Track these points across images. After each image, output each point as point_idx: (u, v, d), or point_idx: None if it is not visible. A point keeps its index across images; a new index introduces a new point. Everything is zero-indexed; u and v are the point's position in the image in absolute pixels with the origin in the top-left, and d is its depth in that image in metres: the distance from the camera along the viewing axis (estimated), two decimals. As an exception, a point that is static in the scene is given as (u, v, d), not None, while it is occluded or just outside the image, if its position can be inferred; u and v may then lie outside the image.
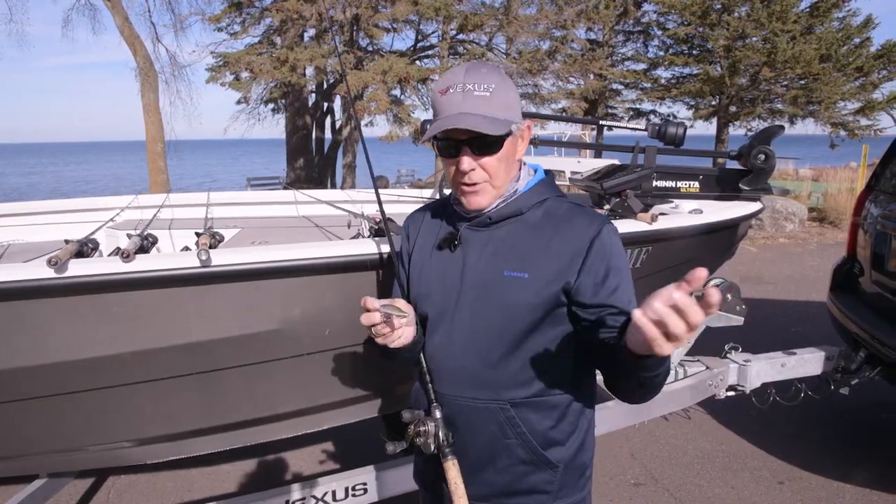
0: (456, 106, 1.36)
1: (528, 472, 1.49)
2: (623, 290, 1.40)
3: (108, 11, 15.67)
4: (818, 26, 18.32)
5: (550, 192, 1.50)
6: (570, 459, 1.51)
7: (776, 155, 3.24)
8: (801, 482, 3.57)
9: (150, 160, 16.08)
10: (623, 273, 1.42)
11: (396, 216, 1.73)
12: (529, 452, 1.47)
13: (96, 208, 3.77)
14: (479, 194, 1.43)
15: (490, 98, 1.36)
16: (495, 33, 17.79)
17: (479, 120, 1.33)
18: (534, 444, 1.47)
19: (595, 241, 1.39)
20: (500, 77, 1.40)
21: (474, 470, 1.50)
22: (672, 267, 2.97)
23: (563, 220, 1.44)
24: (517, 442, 1.46)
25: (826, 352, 3.94)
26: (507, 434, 1.46)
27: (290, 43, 15.92)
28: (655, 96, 21.33)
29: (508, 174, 1.45)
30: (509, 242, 1.44)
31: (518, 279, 1.40)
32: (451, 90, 1.37)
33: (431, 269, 1.54)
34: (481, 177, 1.40)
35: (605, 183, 3.08)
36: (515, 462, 1.48)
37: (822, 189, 14.87)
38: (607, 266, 1.39)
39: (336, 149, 19.51)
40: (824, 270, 5.61)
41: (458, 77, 1.38)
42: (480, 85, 1.36)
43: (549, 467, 1.49)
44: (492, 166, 1.40)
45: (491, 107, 1.35)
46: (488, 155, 1.38)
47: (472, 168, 1.39)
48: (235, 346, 2.06)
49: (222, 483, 3.58)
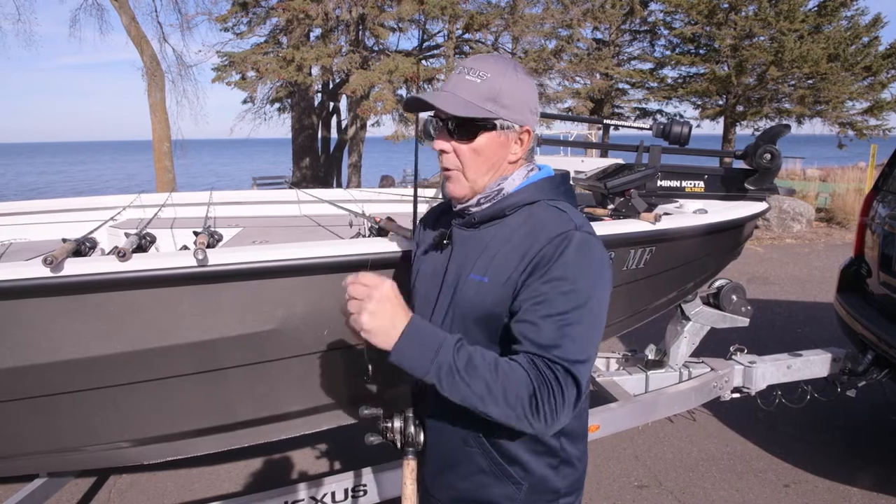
0: (445, 85, 1.35)
1: (489, 483, 1.44)
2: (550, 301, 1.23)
3: (115, 11, 15.72)
4: (826, 25, 18.19)
5: (543, 195, 1.39)
6: (538, 481, 1.43)
7: (782, 154, 3.21)
8: (806, 485, 3.53)
9: (157, 159, 16.15)
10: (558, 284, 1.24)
11: (401, 216, 1.71)
12: (490, 463, 1.42)
13: (99, 207, 3.77)
14: (452, 182, 1.40)
15: (479, 84, 1.31)
16: (501, 32, 17.74)
17: (445, 97, 1.31)
18: (494, 455, 1.41)
19: (548, 245, 1.27)
20: (505, 71, 1.33)
21: (440, 472, 1.50)
22: (676, 268, 2.94)
23: (538, 223, 1.33)
24: (478, 451, 1.43)
25: (833, 353, 3.92)
26: (469, 442, 1.43)
27: (295, 42, 15.93)
28: (662, 96, 21.24)
29: (485, 170, 1.37)
30: (483, 245, 1.38)
31: (479, 283, 1.34)
32: (454, 71, 1.37)
33: (424, 268, 1.53)
34: (453, 163, 1.37)
35: (609, 182, 3.05)
36: (477, 471, 1.44)
37: (830, 189, 14.76)
38: (547, 268, 1.25)
39: (342, 148, 19.55)
40: (831, 271, 5.58)
41: (468, 61, 1.36)
42: (477, 71, 1.32)
43: (512, 482, 1.42)
44: (463, 154, 1.36)
45: (474, 92, 1.31)
46: (462, 141, 1.35)
47: (442, 149, 1.37)
48: (234, 346, 2.05)
49: (222, 483, 3.57)
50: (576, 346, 1.23)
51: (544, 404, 1.18)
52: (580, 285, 1.25)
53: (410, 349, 1.22)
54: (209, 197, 3.88)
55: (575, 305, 1.24)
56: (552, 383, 1.19)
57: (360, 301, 1.22)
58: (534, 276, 1.26)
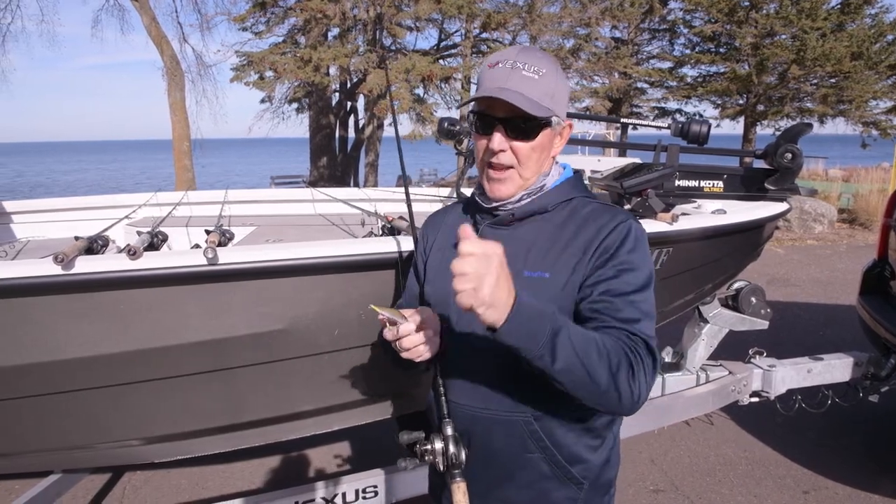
0: (500, 80, 1.29)
1: (551, 488, 1.40)
2: (622, 282, 1.28)
3: (136, 12, 15.89)
4: (849, 23, 17.88)
5: (578, 191, 1.43)
6: (596, 476, 1.43)
7: (804, 154, 3.14)
8: (826, 492, 3.46)
9: (177, 158, 16.31)
10: (629, 266, 1.30)
11: (417, 215, 1.67)
12: (554, 467, 1.39)
13: (117, 205, 3.80)
14: (504, 182, 1.36)
15: (537, 81, 1.30)
16: (519, 31, 17.69)
17: (518, 97, 1.27)
18: (559, 458, 1.38)
19: (611, 233, 1.32)
20: (554, 66, 1.34)
21: (492, 487, 1.42)
22: (693, 269, 2.89)
23: (587, 218, 1.37)
24: (541, 456, 1.38)
25: (855, 357, 3.83)
26: (530, 448, 1.37)
27: (313, 42, 16.01)
28: (681, 95, 21.06)
29: (539, 168, 1.38)
30: (529, 242, 1.37)
31: (539, 280, 1.32)
32: (500, 65, 1.31)
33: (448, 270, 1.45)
34: (509, 160, 1.34)
35: (626, 182, 3.00)
36: (538, 478, 1.40)
37: (853, 190, 14.55)
38: (613, 254, 1.31)
39: (359, 148, 19.60)
40: (853, 273, 5.47)
41: (510, 54, 1.33)
42: (531, 66, 1.30)
43: (574, 483, 1.41)
44: (523, 153, 1.33)
45: (535, 90, 1.29)
46: (522, 139, 1.32)
47: (501, 148, 1.32)
48: (243, 345, 2.04)
49: (236, 482, 3.57)
50: (650, 324, 1.29)
51: (640, 373, 1.20)
52: (644, 270, 1.33)
53: (527, 321, 1.12)
54: (224, 196, 3.90)
55: (641, 286, 1.31)
56: (641, 354, 1.22)
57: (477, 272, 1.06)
58: (601, 262, 1.31)
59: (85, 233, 2.47)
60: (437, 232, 1.57)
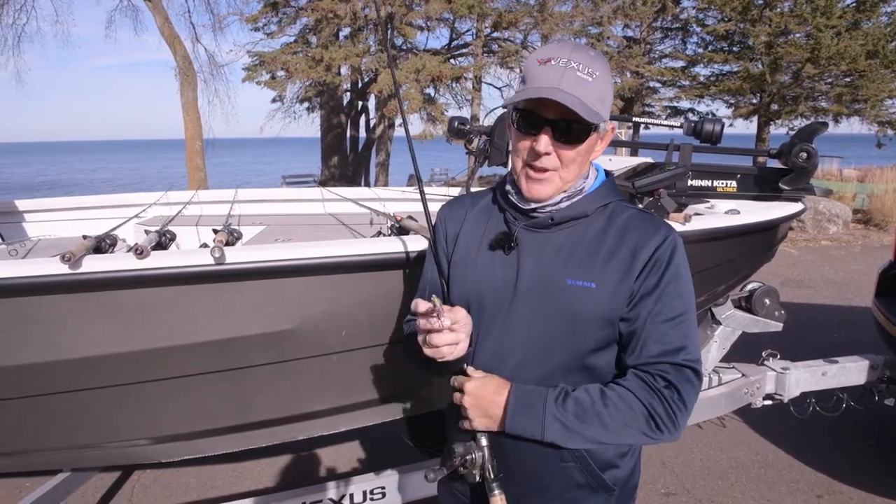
0: (553, 79, 1.24)
1: (583, 496, 1.39)
2: (665, 305, 1.30)
3: (150, 12, 15.99)
4: (865, 21, 17.66)
5: (615, 195, 1.40)
6: (625, 481, 1.44)
7: (819, 153, 3.09)
8: (840, 496, 3.42)
9: (189, 158, 16.40)
10: (673, 287, 1.31)
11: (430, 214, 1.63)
12: (588, 476, 1.37)
13: (127, 204, 3.81)
14: (544, 184, 1.32)
15: (591, 84, 1.25)
16: (530, 31, 17.63)
17: (575, 101, 1.22)
18: (592, 466, 1.37)
19: (657, 251, 1.31)
20: (606, 68, 1.30)
21: (523, 497, 1.39)
22: (706, 270, 2.85)
23: (629, 227, 1.34)
24: (576, 465, 1.36)
25: (870, 360, 3.77)
26: (564, 457, 1.35)
27: (324, 42, 16.03)
28: (694, 94, 20.91)
29: (580, 172, 1.35)
30: (570, 247, 1.34)
31: (585, 289, 1.30)
32: (552, 62, 1.26)
33: (481, 271, 1.40)
34: (553, 164, 1.30)
35: (638, 181, 2.97)
36: (571, 487, 1.38)
37: (868, 190, 14.38)
38: (659, 277, 1.30)
39: (370, 147, 19.64)
40: (869, 274, 5.41)
41: (563, 51, 1.27)
42: (585, 67, 1.25)
43: (606, 490, 1.40)
44: (568, 157, 1.29)
45: (589, 93, 1.25)
46: (569, 144, 1.28)
47: (547, 151, 1.28)
48: (251, 345, 2.03)
49: (245, 481, 3.57)
50: (694, 345, 1.32)
51: (661, 419, 1.26)
52: (688, 288, 1.35)
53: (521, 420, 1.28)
54: (234, 195, 3.90)
55: (687, 308, 1.33)
56: (664, 393, 1.26)
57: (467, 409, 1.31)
58: (650, 281, 1.31)
59: (96, 232, 2.47)
60: (458, 225, 1.50)
